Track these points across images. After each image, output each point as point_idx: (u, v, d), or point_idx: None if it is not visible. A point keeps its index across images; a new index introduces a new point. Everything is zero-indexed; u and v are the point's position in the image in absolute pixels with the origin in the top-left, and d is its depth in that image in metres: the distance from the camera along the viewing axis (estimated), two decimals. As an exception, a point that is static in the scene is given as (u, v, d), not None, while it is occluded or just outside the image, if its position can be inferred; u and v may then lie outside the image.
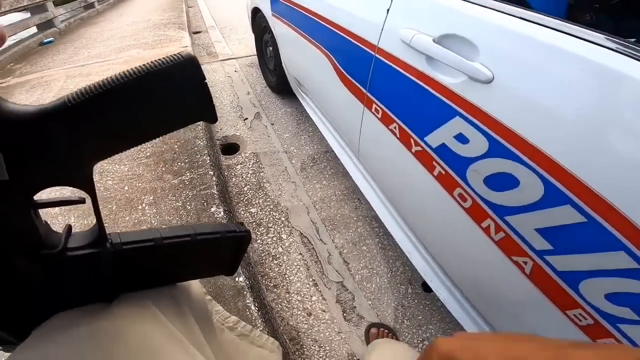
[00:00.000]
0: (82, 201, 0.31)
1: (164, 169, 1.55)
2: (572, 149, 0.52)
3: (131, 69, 0.25)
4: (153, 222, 1.29)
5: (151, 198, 1.40)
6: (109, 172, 1.57)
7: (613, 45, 0.49)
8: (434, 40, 0.73)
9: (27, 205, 0.26)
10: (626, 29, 0.68)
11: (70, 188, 0.28)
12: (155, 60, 0.26)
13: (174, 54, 0.26)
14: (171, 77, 0.26)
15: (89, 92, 0.24)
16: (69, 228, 0.30)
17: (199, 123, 1.85)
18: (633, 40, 0.48)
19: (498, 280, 0.72)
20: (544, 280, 0.60)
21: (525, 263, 0.62)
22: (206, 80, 0.28)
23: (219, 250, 0.39)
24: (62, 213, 1.36)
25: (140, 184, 1.48)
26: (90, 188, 0.28)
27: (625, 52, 0.47)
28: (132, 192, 1.44)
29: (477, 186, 0.68)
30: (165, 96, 0.27)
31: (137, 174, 1.54)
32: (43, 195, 0.28)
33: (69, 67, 2.94)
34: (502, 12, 0.64)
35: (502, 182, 0.63)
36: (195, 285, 0.44)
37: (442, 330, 1.09)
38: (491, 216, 0.67)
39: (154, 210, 1.33)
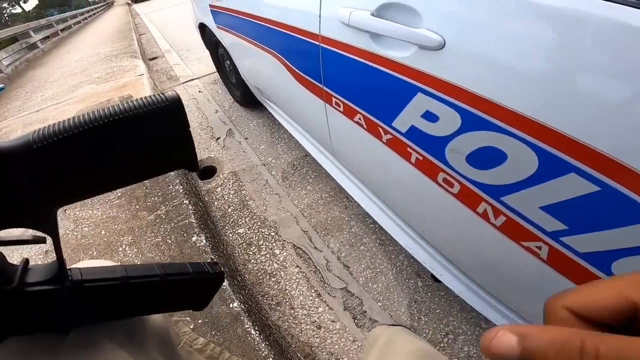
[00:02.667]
0: (42, 240, 0.29)
1: (137, 207, 1.47)
2: (556, 107, 0.44)
3: (107, 109, 0.23)
4: (136, 261, 1.20)
5: (130, 238, 1.31)
6: (83, 219, 1.47)
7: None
8: (372, 14, 0.67)
9: None
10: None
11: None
12: (136, 100, 0.24)
13: (158, 94, 0.24)
14: (150, 122, 0.24)
15: (57, 133, 0.22)
16: (25, 261, 0.29)
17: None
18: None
19: (514, 270, 0.66)
20: (567, 265, 0.53)
21: (540, 248, 0.56)
22: (190, 128, 0.26)
23: (189, 290, 0.37)
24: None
25: (116, 226, 1.39)
26: (52, 231, 0.26)
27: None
28: (110, 235, 1.35)
29: (461, 167, 0.62)
30: (142, 142, 0.25)
31: (112, 217, 1.45)
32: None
33: (24, 115, 2.81)
34: None
35: (486, 158, 0.56)
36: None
37: (465, 321, 1.04)
38: (485, 199, 0.60)
39: (135, 250, 1.25)
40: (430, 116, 0.63)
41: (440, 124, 0.61)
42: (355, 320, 1.10)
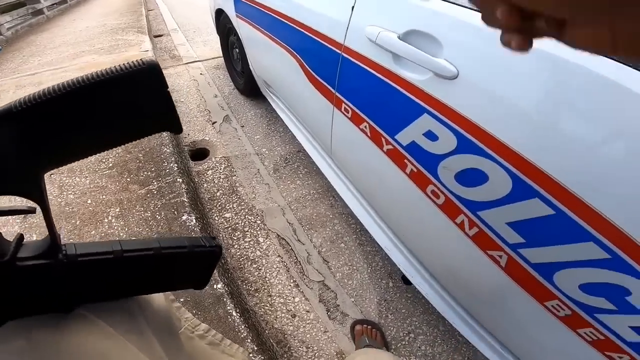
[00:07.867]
0: (32, 211, 0.29)
1: (129, 180, 1.48)
2: (535, 143, 0.53)
3: (87, 74, 0.24)
4: (121, 234, 1.22)
5: (117, 210, 1.33)
6: (70, 186, 1.47)
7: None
8: (399, 37, 0.73)
9: None
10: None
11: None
12: (114, 66, 0.25)
13: (135, 60, 0.25)
14: (129, 84, 0.25)
15: (38, 97, 0.23)
16: (20, 237, 0.29)
17: (164, 129, 1.78)
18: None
19: (477, 275, 0.73)
20: (520, 273, 0.60)
21: (500, 257, 0.63)
22: (168, 89, 0.27)
23: (187, 266, 0.37)
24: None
25: (104, 197, 1.40)
26: (40, 198, 0.26)
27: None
28: (96, 205, 1.36)
29: (449, 182, 0.69)
30: (123, 105, 0.26)
31: (100, 186, 1.46)
32: None
33: (18, 77, 2.76)
34: (464, 6, 0.63)
35: (472, 177, 0.63)
36: (157, 296, 0.42)
37: (426, 323, 1.11)
38: (464, 212, 0.67)
39: (122, 223, 1.27)
40: (431, 135, 0.69)
41: (438, 143, 0.68)
42: (329, 313, 1.14)
